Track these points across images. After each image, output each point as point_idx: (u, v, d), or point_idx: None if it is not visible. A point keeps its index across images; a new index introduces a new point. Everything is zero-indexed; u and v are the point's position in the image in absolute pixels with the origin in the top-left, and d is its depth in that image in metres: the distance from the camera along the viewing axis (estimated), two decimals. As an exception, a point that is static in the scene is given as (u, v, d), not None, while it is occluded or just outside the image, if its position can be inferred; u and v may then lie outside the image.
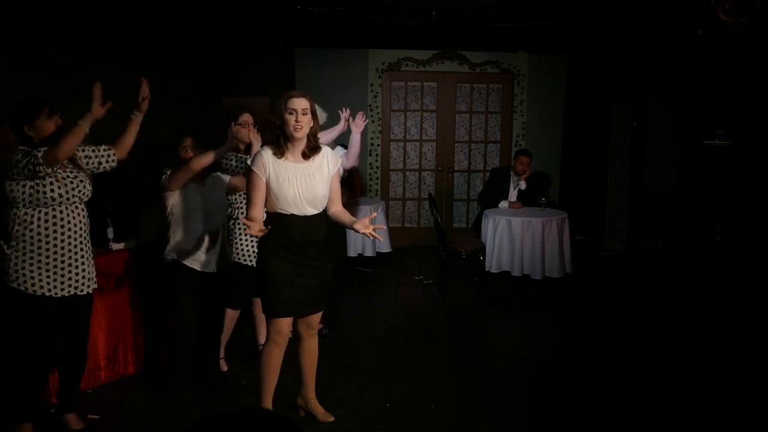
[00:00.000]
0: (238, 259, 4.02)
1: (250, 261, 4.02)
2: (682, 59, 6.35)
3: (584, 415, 3.69)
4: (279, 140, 3.13)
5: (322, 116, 4.50)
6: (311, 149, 3.18)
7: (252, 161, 3.17)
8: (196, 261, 3.69)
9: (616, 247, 7.70)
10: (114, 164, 3.35)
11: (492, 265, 5.93)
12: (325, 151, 3.24)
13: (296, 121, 3.06)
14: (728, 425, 3.57)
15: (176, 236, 3.66)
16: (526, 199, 6.51)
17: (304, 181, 3.13)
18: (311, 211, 3.17)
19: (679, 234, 6.69)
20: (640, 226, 7.42)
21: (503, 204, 6.40)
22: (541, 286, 5.95)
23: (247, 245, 4.04)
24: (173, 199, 3.65)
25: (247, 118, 4.02)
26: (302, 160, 3.17)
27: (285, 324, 3.26)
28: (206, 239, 3.70)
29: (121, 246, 3.95)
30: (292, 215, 3.14)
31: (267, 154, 3.14)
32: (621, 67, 7.42)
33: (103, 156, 3.31)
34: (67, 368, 3.33)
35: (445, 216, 7.80)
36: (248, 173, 3.16)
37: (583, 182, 8.05)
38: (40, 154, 2.93)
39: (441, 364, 4.42)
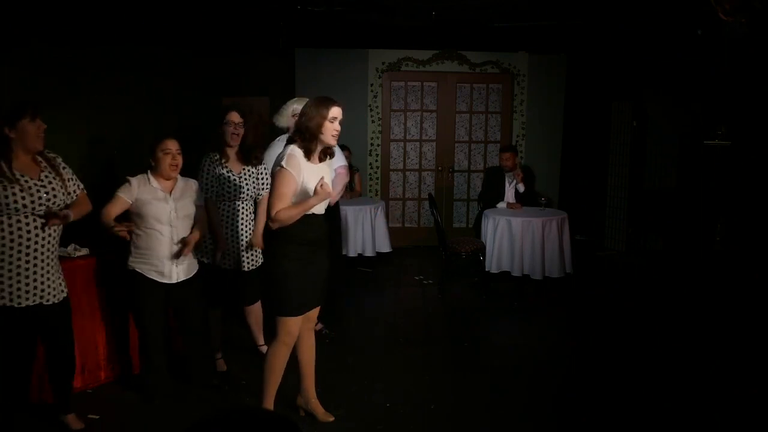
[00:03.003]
0: (225, 265, 4.01)
1: (247, 266, 4.03)
2: (682, 59, 6.35)
3: (584, 414, 3.69)
4: (313, 142, 3.12)
5: None
6: (325, 154, 3.24)
7: (287, 161, 3.09)
8: (155, 271, 3.58)
9: (616, 247, 7.70)
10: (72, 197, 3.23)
11: (492, 265, 5.93)
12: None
13: (336, 129, 3.12)
14: (728, 425, 3.57)
15: (138, 246, 3.57)
16: (525, 199, 6.52)
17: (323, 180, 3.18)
18: (322, 209, 3.27)
19: (679, 234, 6.70)
20: (640, 226, 7.43)
21: (501, 205, 6.41)
22: (541, 286, 5.95)
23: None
24: (135, 207, 3.54)
25: (233, 117, 3.95)
26: (318, 161, 3.21)
27: (295, 324, 3.27)
28: (166, 249, 3.57)
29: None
30: (312, 214, 3.19)
31: (299, 155, 3.12)
32: (621, 67, 7.42)
33: (73, 187, 3.23)
34: (55, 372, 3.28)
35: (445, 216, 7.80)
36: (281, 172, 3.09)
37: (583, 182, 8.05)
38: None
39: (441, 364, 4.42)
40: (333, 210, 4.68)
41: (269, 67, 7.28)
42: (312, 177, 3.12)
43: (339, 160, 4.74)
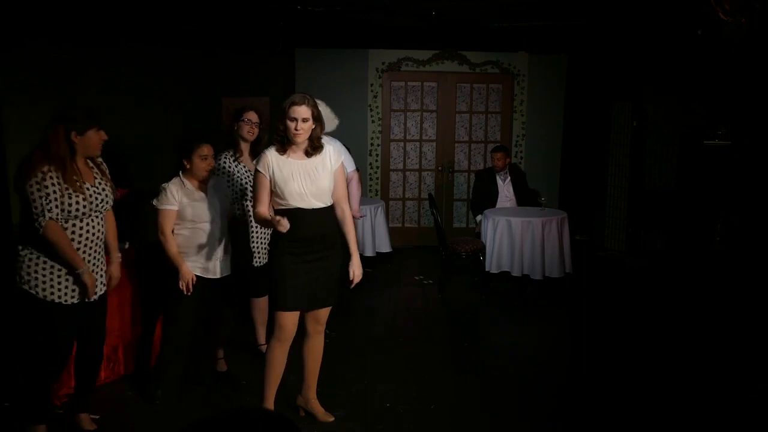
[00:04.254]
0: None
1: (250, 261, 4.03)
2: (682, 59, 6.35)
3: (584, 414, 3.69)
4: (283, 139, 3.25)
5: (333, 122, 4.53)
6: (314, 149, 3.28)
7: (257, 161, 3.30)
8: (200, 267, 3.66)
9: (616, 247, 7.70)
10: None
11: (492, 265, 5.92)
12: (327, 147, 3.33)
13: (296, 129, 3.18)
14: (728, 425, 3.57)
15: (180, 244, 3.62)
16: (521, 200, 6.53)
17: (308, 175, 3.22)
18: (318, 204, 3.25)
19: (679, 234, 6.69)
20: (640, 226, 7.42)
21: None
22: (541, 286, 5.95)
23: (250, 245, 4.04)
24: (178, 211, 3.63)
25: (251, 116, 4.06)
26: (305, 157, 3.26)
27: (289, 319, 3.28)
28: (210, 245, 3.66)
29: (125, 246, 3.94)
30: (300, 209, 3.21)
31: (271, 153, 3.26)
32: (621, 67, 7.42)
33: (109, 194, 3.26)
34: (84, 369, 3.33)
35: (445, 216, 7.80)
36: (255, 174, 3.30)
37: (583, 182, 8.05)
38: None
39: (441, 364, 4.42)
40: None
41: (269, 67, 7.28)
42: (290, 171, 3.20)
43: (349, 165, 4.75)
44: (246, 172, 4.05)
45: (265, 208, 3.26)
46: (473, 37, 7.55)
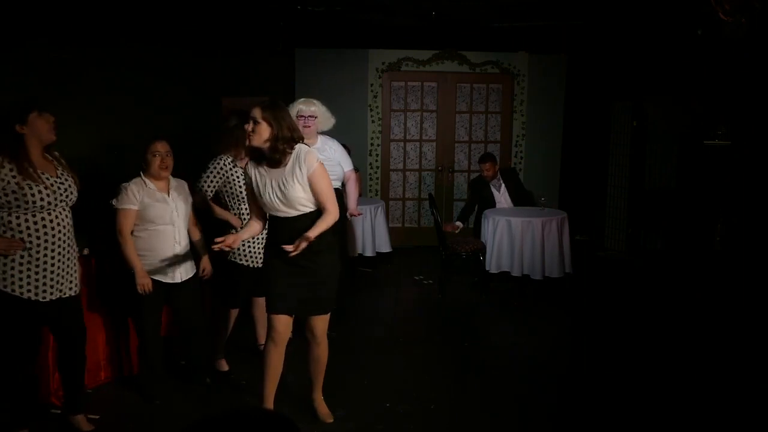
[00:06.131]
0: (236, 259, 4.01)
1: (247, 261, 4.02)
2: (682, 59, 6.35)
3: (584, 414, 3.69)
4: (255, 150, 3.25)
5: (330, 121, 4.52)
6: (279, 156, 3.16)
7: (244, 172, 3.40)
8: (159, 273, 3.60)
9: (616, 247, 7.70)
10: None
11: (492, 265, 5.92)
12: (296, 152, 3.19)
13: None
14: (728, 425, 3.57)
15: (139, 247, 3.57)
16: (519, 200, 6.53)
17: (278, 185, 3.17)
18: (292, 212, 3.20)
19: (679, 234, 6.70)
20: (640, 226, 7.43)
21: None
22: (541, 286, 5.94)
23: (244, 246, 4.03)
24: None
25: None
26: (276, 167, 3.19)
27: (280, 321, 3.29)
28: (170, 249, 3.61)
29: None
30: (277, 217, 3.24)
31: (251, 163, 3.29)
32: (621, 67, 7.42)
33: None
34: (67, 370, 3.30)
35: (445, 216, 7.79)
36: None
37: (583, 182, 8.05)
38: None
39: (441, 364, 4.42)
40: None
41: (269, 67, 7.29)
42: (269, 181, 3.20)
43: (347, 164, 4.74)
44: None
45: (254, 217, 3.38)
46: (473, 37, 7.55)
